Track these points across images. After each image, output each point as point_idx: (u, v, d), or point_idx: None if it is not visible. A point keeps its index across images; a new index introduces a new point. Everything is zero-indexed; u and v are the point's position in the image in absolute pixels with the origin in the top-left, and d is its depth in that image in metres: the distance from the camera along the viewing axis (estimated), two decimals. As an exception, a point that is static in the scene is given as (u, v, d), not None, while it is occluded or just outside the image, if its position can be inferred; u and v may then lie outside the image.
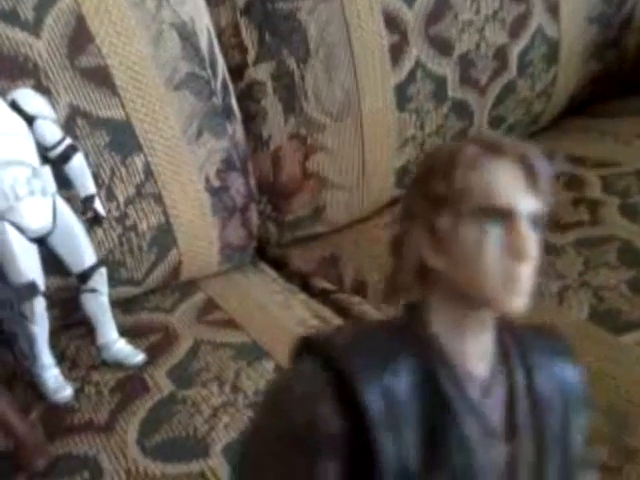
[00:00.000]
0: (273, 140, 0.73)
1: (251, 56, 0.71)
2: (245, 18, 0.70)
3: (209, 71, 0.66)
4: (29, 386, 0.52)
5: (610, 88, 0.93)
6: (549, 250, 0.62)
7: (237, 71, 0.71)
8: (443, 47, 0.77)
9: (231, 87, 0.69)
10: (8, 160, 0.50)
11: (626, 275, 0.56)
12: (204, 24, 0.67)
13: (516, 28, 0.82)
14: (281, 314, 0.60)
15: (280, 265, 0.74)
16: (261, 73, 0.71)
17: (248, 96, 0.72)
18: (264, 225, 0.75)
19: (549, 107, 0.91)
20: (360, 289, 0.68)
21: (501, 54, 0.82)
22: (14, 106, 0.51)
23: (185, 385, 0.51)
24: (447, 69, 0.78)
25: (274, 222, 0.76)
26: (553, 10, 0.84)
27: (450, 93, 0.79)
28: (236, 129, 0.69)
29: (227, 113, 0.68)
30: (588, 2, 0.87)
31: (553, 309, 0.55)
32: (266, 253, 0.76)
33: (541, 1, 0.83)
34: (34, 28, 0.54)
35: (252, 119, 0.72)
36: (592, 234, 0.63)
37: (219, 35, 0.69)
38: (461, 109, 0.81)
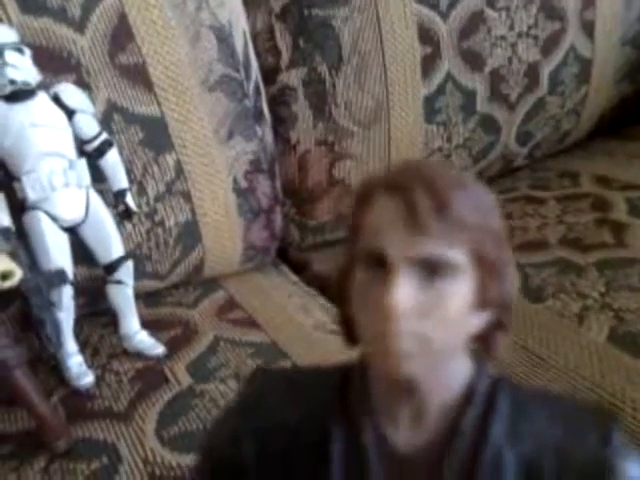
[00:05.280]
0: (301, 145, 0.74)
1: (284, 61, 0.72)
2: (280, 23, 0.71)
3: (243, 74, 0.67)
4: (52, 371, 0.53)
5: (641, 110, 0.92)
6: (571, 269, 0.62)
7: (270, 75, 0.72)
8: (475, 61, 0.78)
9: (263, 90, 0.71)
10: (47, 152, 0.52)
11: (648, 299, 0.55)
12: (241, 27, 0.68)
13: (549, 46, 0.82)
14: (300, 317, 0.61)
15: (300, 268, 0.75)
16: (293, 78, 0.72)
17: (279, 100, 0.73)
18: (287, 228, 0.76)
19: (578, 126, 0.90)
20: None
21: (532, 71, 0.82)
22: (56, 99, 0.53)
23: (204, 380, 0.52)
24: (477, 83, 0.79)
25: (297, 225, 0.77)
26: (588, 30, 0.84)
27: (479, 107, 0.80)
28: (265, 132, 0.70)
29: (258, 116, 0.69)
30: (624, 23, 0.87)
31: (573, 329, 0.54)
32: (287, 256, 0.77)
33: (576, 20, 0.83)
34: (79, 25, 0.56)
35: (282, 123, 0.73)
36: (615, 256, 0.63)
37: (254, 39, 0.71)
38: (489, 124, 0.81)
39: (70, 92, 0.54)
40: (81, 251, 0.56)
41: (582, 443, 0.23)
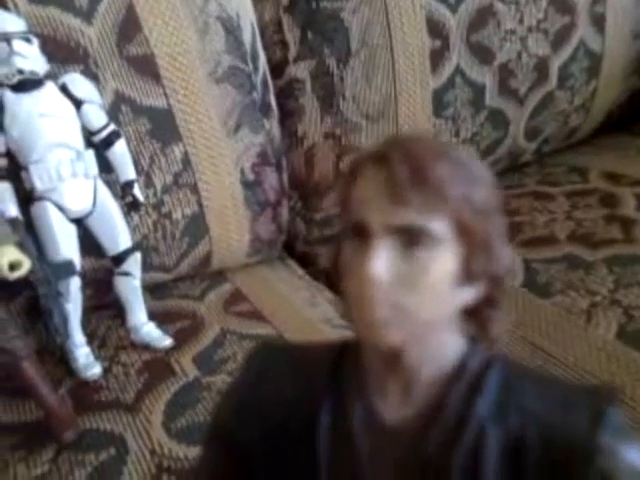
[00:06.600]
0: (308, 138, 0.73)
1: (292, 53, 0.71)
2: (288, 15, 0.70)
3: (251, 66, 0.67)
4: (60, 362, 0.53)
5: (651, 106, 0.92)
6: (580, 265, 0.61)
7: (277, 68, 0.72)
8: (484, 55, 0.77)
9: (271, 83, 0.70)
10: (55, 142, 0.52)
11: (658, 296, 0.55)
12: (248, 19, 0.67)
13: (559, 40, 0.81)
14: (307, 310, 0.61)
15: (307, 262, 0.75)
16: (301, 71, 0.71)
17: (287, 93, 0.72)
18: (293, 221, 0.76)
19: (587, 121, 0.90)
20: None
21: (542, 65, 0.81)
22: (64, 90, 0.53)
23: (210, 372, 0.52)
24: (486, 77, 0.78)
25: (304, 219, 0.77)
26: (598, 24, 0.83)
27: (488, 102, 0.79)
28: (273, 125, 0.70)
29: (265, 108, 0.69)
30: (634, 17, 0.86)
31: (581, 326, 0.54)
32: (294, 249, 0.77)
33: (586, 14, 0.82)
34: (87, 15, 0.56)
35: (289, 116, 0.73)
36: (624, 252, 0.62)
37: (262, 31, 0.70)
38: (498, 118, 0.81)
39: (78, 82, 0.54)
40: (89, 242, 0.55)
41: (570, 423, 0.23)
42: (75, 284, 0.53)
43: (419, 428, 0.24)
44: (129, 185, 0.56)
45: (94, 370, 0.52)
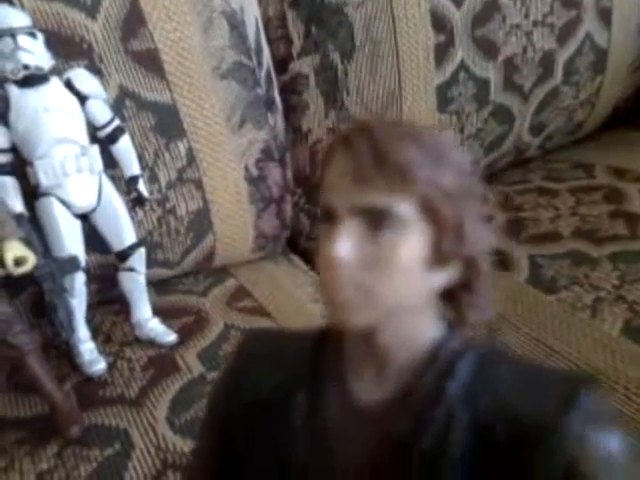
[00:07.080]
0: (312, 133, 0.73)
1: (296, 48, 0.71)
2: (292, 10, 0.70)
3: (255, 61, 0.67)
4: (65, 357, 0.54)
5: (656, 101, 0.91)
6: (584, 261, 0.61)
7: (281, 63, 0.71)
8: (488, 50, 0.77)
9: (275, 78, 0.70)
10: (60, 137, 0.52)
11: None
12: (252, 14, 0.67)
13: (565, 34, 0.81)
14: (311, 306, 0.61)
15: (310, 258, 0.75)
16: (305, 66, 0.71)
17: (291, 88, 0.72)
18: (297, 217, 0.76)
19: (592, 117, 0.89)
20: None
21: (547, 60, 0.81)
22: (69, 85, 0.53)
23: (215, 367, 0.52)
24: (491, 72, 0.78)
25: (307, 215, 0.77)
26: (605, 18, 0.83)
27: (492, 97, 0.79)
28: (277, 120, 0.70)
29: (269, 104, 0.69)
30: (641, 11, 0.86)
31: (586, 321, 0.54)
32: (297, 245, 0.77)
33: (593, 8, 0.82)
34: (91, 10, 0.56)
35: (293, 111, 0.73)
36: (629, 248, 0.62)
37: (266, 26, 0.70)
38: (502, 114, 0.80)
39: (83, 78, 0.54)
40: (93, 238, 0.56)
41: (540, 405, 0.22)
42: (80, 279, 0.53)
43: (391, 410, 0.24)
44: (134, 180, 0.56)
45: (99, 365, 0.52)
